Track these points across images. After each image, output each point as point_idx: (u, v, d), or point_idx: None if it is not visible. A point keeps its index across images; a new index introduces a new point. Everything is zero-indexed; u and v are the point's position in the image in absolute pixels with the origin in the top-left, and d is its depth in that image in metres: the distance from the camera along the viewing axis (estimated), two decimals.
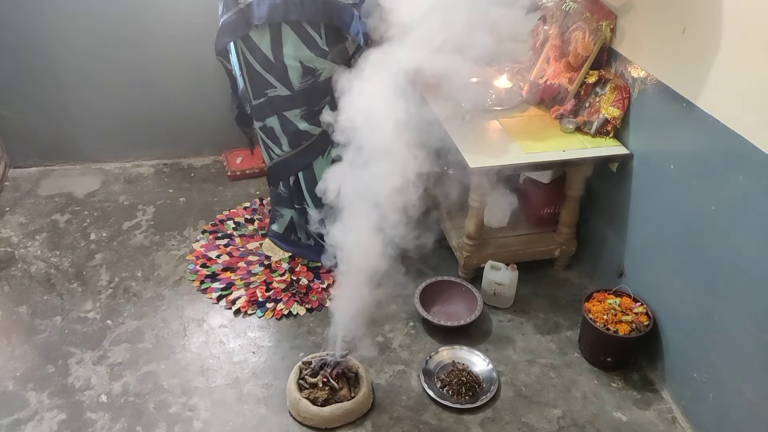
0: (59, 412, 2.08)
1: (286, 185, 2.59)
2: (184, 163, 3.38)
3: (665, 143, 2.11)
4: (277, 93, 2.35)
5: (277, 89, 2.34)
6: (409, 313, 2.49)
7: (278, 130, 2.46)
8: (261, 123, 2.48)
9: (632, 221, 2.34)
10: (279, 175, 2.59)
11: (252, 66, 2.32)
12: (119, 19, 2.94)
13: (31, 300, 2.51)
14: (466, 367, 2.25)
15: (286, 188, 2.60)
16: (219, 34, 2.28)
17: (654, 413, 2.14)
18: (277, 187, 2.65)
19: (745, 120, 1.73)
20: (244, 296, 2.54)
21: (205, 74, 3.08)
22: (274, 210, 2.74)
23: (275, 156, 2.55)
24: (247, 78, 2.38)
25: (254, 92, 2.40)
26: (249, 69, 2.34)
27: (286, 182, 2.58)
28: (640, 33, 2.20)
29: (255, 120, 2.51)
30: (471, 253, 2.55)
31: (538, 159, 2.29)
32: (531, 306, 2.55)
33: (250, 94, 2.43)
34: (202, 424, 2.06)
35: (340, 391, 2.09)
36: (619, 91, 2.28)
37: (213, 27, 2.92)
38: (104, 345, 2.33)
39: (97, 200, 3.08)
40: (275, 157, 2.56)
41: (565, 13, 2.55)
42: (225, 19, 2.24)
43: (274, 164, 2.58)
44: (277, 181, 2.63)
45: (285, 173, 2.56)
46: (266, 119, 2.45)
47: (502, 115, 2.52)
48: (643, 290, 2.26)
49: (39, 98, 3.07)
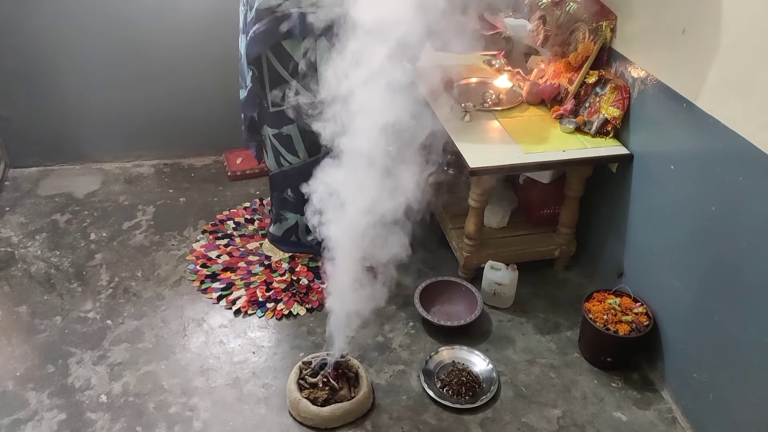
0: (59, 412, 2.08)
1: (295, 191, 2.57)
2: (185, 163, 3.38)
3: (665, 143, 2.11)
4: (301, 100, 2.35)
5: (300, 96, 2.34)
6: (409, 313, 2.49)
7: (296, 137, 2.46)
8: (276, 131, 2.47)
9: (632, 221, 2.34)
10: (289, 183, 2.57)
11: (278, 73, 2.31)
12: (120, 20, 2.94)
13: (31, 300, 2.51)
14: (466, 367, 2.25)
15: (295, 193, 2.58)
16: (251, 43, 2.26)
17: (654, 413, 2.14)
18: (282, 193, 2.64)
19: (745, 120, 1.73)
20: (244, 296, 2.54)
21: (206, 75, 3.09)
22: (278, 214, 2.72)
23: (286, 163, 2.54)
24: (268, 85, 2.37)
25: (274, 100, 2.39)
26: (273, 76, 2.33)
27: (296, 188, 2.56)
28: (640, 33, 2.20)
29: (269, 127, 2.49)
30: (471, 253, 2.55)
31: (538, 159, 2.29)
32: (531, 306, 2.55)
33: (268, 102, 2.42)
34: (202, 424, 2.06)
35: (340, 391, 2.09)
36: (619, 91, 2.28)
37: (213, 28, 2.96)
38: (104, 345, 2.33)
39: (97, 200, 3.08)
40: (286, 164, 2.54)
41: (565, 13, 2.56)
42: (258, 28, 2.22)
43: (284, 171, 2.56)
44: (284, 188, 2.61)
45: (299, 180, 2.51)
46: (284, 127, 2.44)
47: (502, 115, 2.52)
48: (643, 290, 2.26)
49: (39, 98, 3.07)
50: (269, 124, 2.49)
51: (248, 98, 2.45)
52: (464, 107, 2.47)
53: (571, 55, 2.44)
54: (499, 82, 2.72)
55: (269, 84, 2.37)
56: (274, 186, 2.67)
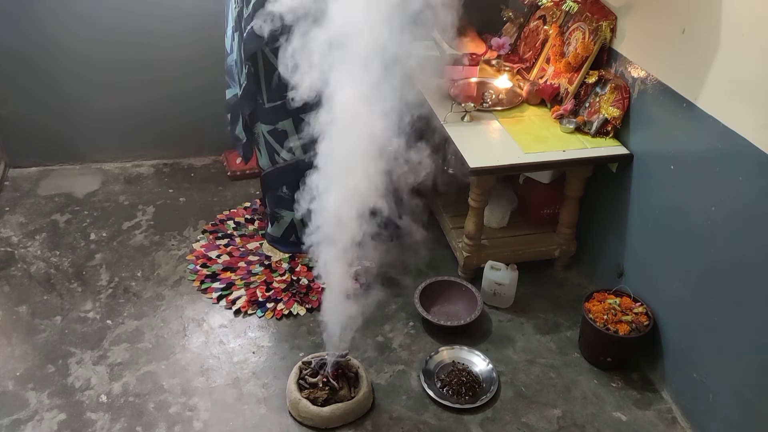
0: (59, 412, 2.08)
1: (290, 187, 2.58)
2: (184, 163, 3.38)
3: (665, 143, 2.11)
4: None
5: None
6: (409, 313, 2.49)
7: (291, 132, 2.45)
8: (271, 126, 2.47)
9: (632, 221, 2.34)
10: (284, 179, 2.58)
11: (274, 67, 2.29)
12: (119, 20, 2.94)
13: (31, 300, 2.51)
14: (466, 367, 2.25)
15: (290, 190, 2.59)
16: (249, 39, 2.25)
17: (654, 413, 2.14)
18: (277, 191, 2.64)
19: (745, 120, 1.73)
20: (244, 296, 2.54)
21: (205, 74, 3.08)
22: (274, 213, 2.73)
23: (281, 160, 2.54)
24: (264, 81, 2.37)
25: (270, 95, 2.39)
26: (269, 70, 2.33)
27: (291, 184, 2.57)
28: (640, 33, 2.20)
29: (264, 124, 2.49)
30: (471, 253, 2.55)
31: (538, 159, 2.29)
32: (531, 306, 2.55)
33: (264, 97, 2.41)
34: (202, 424, 2.06)
35: (340, 391, 2.09)
36: (619, 91, 2.28)
37: (213, 27, 2.95)
38: (104, 345, 2.33)
39: (97, 200, 3.08)
40: (281, 161, 2.54)
41: (565, 13, 2.56)
42: (255, 25, 2.21)
43: (279, 168, 2.56)
44: (279, 185, 2.61)
45: (294, 176, 2.50)
46: (279, 122, 2.44)
47: (502, 115, 2.52)
48: (643, 290, 2.26)
49: (39, 98, 3.07)
50: (264, 121, 2.49)
51: (244, 96, 2.44)
52: (464, 107, 2.47)
53: (571, 55, 2.44)
54: (499, 82, 2.72)
55: (265, 79, 2.36)
56: (269, 185, 2.67)
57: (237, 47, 2.41)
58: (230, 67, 2.55)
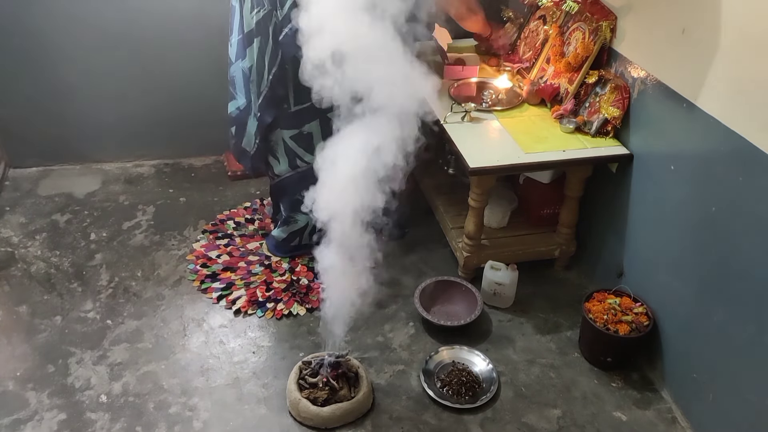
0: (59, 412, 2.08)
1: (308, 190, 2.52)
2: (185, 163, 3.38)
3: (665, 143, 2.11)
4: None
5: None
6: (409, 313, 2.49)
7: (317, 134, 2.44)
8: (296, 131, 2.45)
9: (632, 221, 2.34)
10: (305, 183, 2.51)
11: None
12: (119, 20, 2.94)
13: (31, 300, 2.51)
14: (466, 367, 2.25)
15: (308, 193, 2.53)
16: (288, 43, 2.22)
17: (654, 413, 2.14)
18: (295, 195, 2.55)
19: (745, 120, 1.73)
20: (244, 296, 2.54)
21: (206, 74, 3.08)
22: (289, 217, 2.68)
23: (303, 164, 2.51)
24: (292, 84, 2.34)
25: (297, 97, 2.37)
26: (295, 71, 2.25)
27: (311, 187, 2.50)
28: (640, 33, 2.20)
29: (285, 130, 2.45)
30: (471, 253, 2.55)
31: (538, 159, 2.29)
32: (531, 306, 2.55)
33: (291, 101, 2.39)
34: (202, 424, 2.06)
35: (340, 391, 2.09)
36: (619, 91, 2.28)
37: (213, 27, 2.95)
38: (104, 345, 2.33)
39: (97, 200, 3.08)
40: (303, 165, 2.51)
41: (565, 13, 2.56)
42: (290, 29, 2.19)
43: (300, 172, 2.51)
44: (299, 189, 2.54)
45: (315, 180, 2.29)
46: (305, 125, 2.42)
47: (502, 115, 2.52)
48: (643, 290, 2.26)
49: (39, 98, 3.07)
50: (286, 126, 2.45)
51: (266, 104, 2.38)
52: (464, 107, 2.47)
53: (571, 55, 2.44)
54: (499, 82, 2.72)
55: (293, 82, 2.32)
56: (286, 190, 2.62)
57: (257, 54, 2.33)
58: (233, 77, 2.49)
